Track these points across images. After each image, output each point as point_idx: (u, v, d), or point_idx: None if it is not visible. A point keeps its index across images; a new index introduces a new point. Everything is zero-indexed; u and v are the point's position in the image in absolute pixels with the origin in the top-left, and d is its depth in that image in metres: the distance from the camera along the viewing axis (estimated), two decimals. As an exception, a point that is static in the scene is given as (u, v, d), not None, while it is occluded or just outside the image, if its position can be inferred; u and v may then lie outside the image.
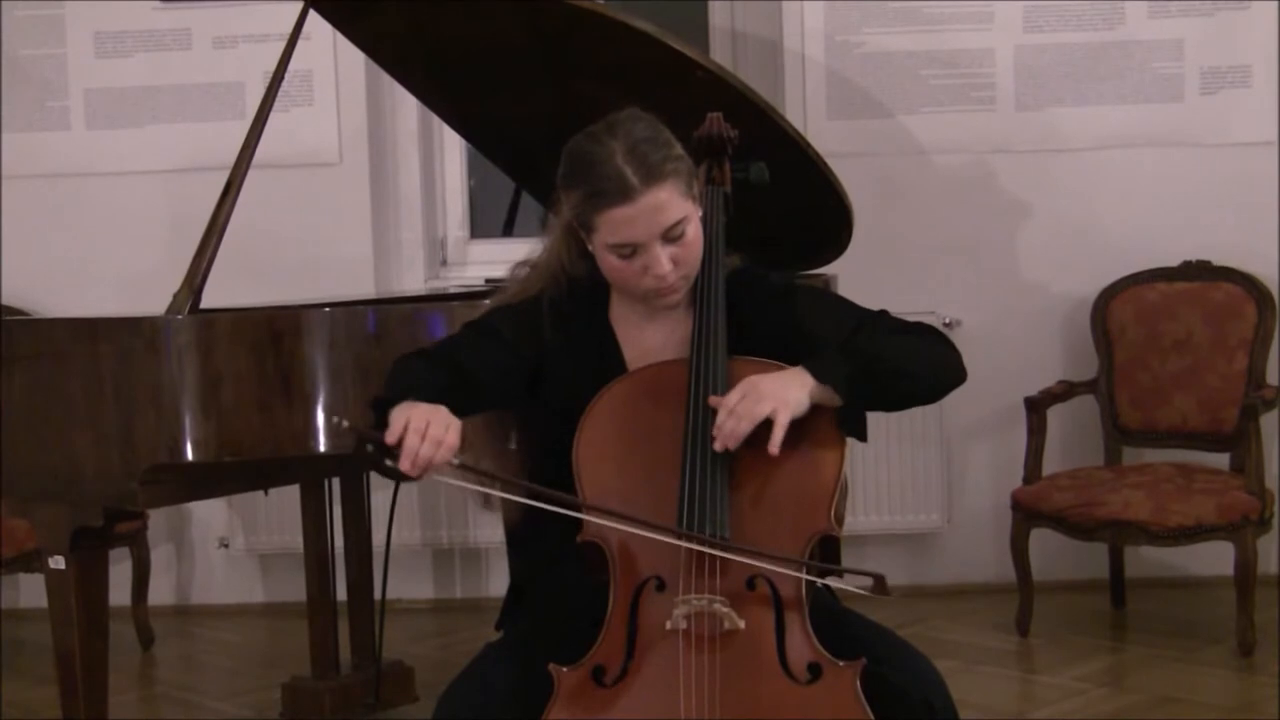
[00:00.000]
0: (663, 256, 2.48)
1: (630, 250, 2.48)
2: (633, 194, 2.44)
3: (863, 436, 2.51)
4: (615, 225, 2.46)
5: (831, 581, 2.43)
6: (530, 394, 2.64)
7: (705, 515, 2.37)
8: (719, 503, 2.38)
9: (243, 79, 5.36)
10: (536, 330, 2.62)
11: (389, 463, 2.35)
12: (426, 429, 2.33)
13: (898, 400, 2.58)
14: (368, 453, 2.36)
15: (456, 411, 2.43)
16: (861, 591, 2.36)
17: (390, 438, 2.33)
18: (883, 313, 2.65)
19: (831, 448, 2.45)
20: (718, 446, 2.40)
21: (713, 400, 2.44)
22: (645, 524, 2.37)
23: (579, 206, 2.50)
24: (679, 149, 2.53)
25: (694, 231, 2.52)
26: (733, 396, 2.41)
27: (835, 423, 2.45)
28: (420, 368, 2.58)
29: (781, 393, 2.40)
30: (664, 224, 2.46)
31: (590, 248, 2.55)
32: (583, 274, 2.62)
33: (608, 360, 2.61)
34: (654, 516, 2.38)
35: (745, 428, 2.38)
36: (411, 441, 2.32)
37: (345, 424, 2.38)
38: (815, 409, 2.45)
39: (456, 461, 2.38)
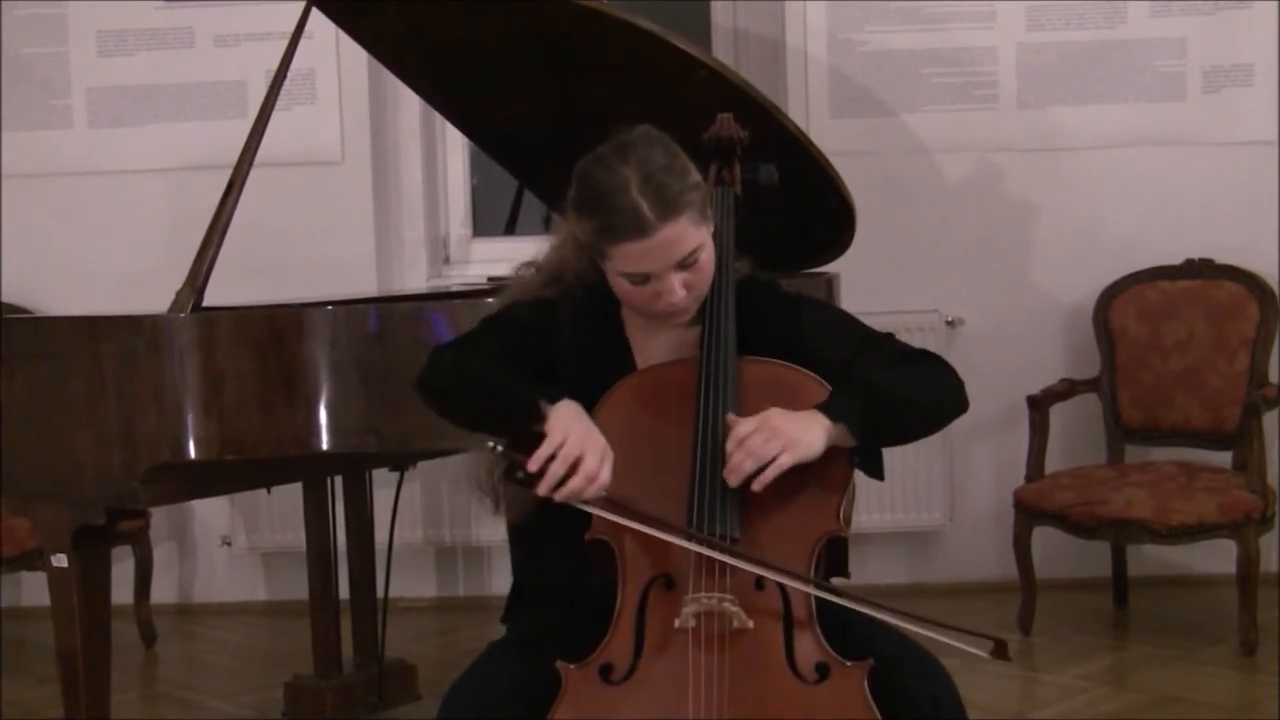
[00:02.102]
0: (676, 284, 2.47)
1: (643, 278, 2.47)
2: (648, 230, 2.41)
3: (880, 475, 2.50)
4: (629, 257, 2.44)
5: (949, 639, 2.38)
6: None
7: (714, 515, 2.37)
8: (728, 503, 2.38)
9: (245, 77, 5.36)
10: (553, 331, 2.61)
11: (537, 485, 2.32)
12: (579, 461, 2.32)
13: (908, 437, 2.57)
14: (518, 479, 2.32)
15: None
16: (980, 654, 2.35)
17: (533, 464, 2.31)
18: (889, 336, 2.63)
19: (840, 451, 2.44)
20: (731, 482, 2.39)
21: (730, 419, 2.42)
22: (678, 532, 2.35)
23: (592, 235, 2.47)
24: (694, 175, 2.50)
25: (707, 256, 2.50)
26: (747, 427, 2.39)
27: (849, 462, 2.44)
28: (482, 362, 2.55)
29: (795, 435, 2.38)
30: (678, 256, 2.45)
31: (602, 266, 2.54)
32: (595, 282, 2.60)
33: (618, 362, 2.60)
34: (662, 514, 2.38)
35: (750, 466, 2.36)
36: (556, 469, 2.31)
37: (499, 448, 2.34)
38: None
39: (605, 494, 2.36)
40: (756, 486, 2.36)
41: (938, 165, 5.28)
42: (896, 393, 2.49)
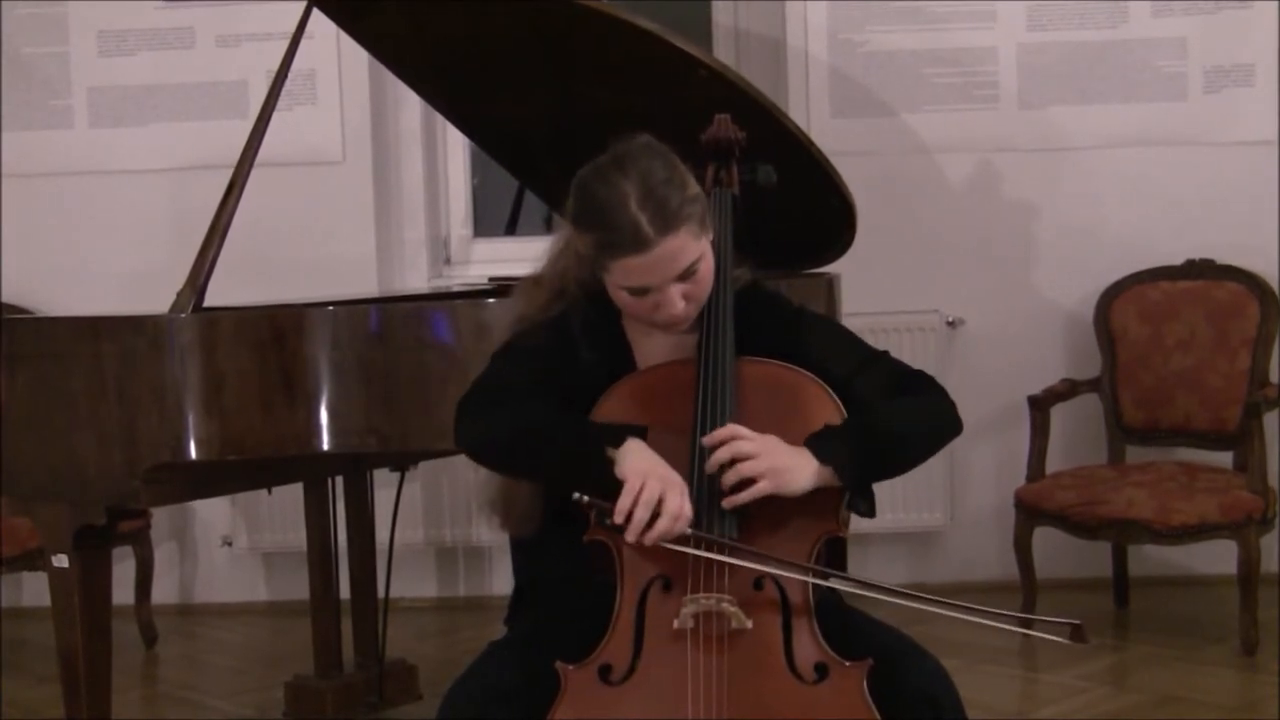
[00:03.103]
0: (675, 295, 2.46)
1: (643, 291, 2.47)
2: (648, 245, 2.40)
3: (871, 513, 2.50)
4: (629, 272, 2.44)
5: (1022, 630, 2.40)
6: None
7: (713, 516, 2.37)
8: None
9: (246, 77, 5.36)
10: (572, 352, 2.59)
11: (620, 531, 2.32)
12: (660, 502, 2.31)
13: (898, 472, 2.55)
14: (607, 526, 2.32)
15: None
16: (1061, 640, 2.35)
17: (619, 516, 2.30)
18: (885, 355, 2.63)
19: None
20: (706, 468, 2.39)
21: (730, 429, 2.42)
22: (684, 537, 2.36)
23: (591, 250, 2.46)
24: (693, 187, 2.48)
25: (706, 266, 2.49)
26: (743, 430, 2.39)
27: (842, 502, 2.44)
28: (525, 413, 2.49)
29: (781, 465, 2.37)
30: (678, 269, 2.44)
31: (602, 278, 2.53)
32: (597, 288, 2.59)
33: (619, 366, 2.60)
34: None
35: (732, 479, 2.36)
36: (640, 515, 2.29)
37: (585, 499, 2.33)
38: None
39: (690, 532, 2.35)
40: (727, 505, 2.37)
41: (938, 165, 5.28)
42: (887, 435, 2.47)
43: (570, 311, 2.62)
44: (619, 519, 2.30)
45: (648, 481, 2.31)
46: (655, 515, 2.31)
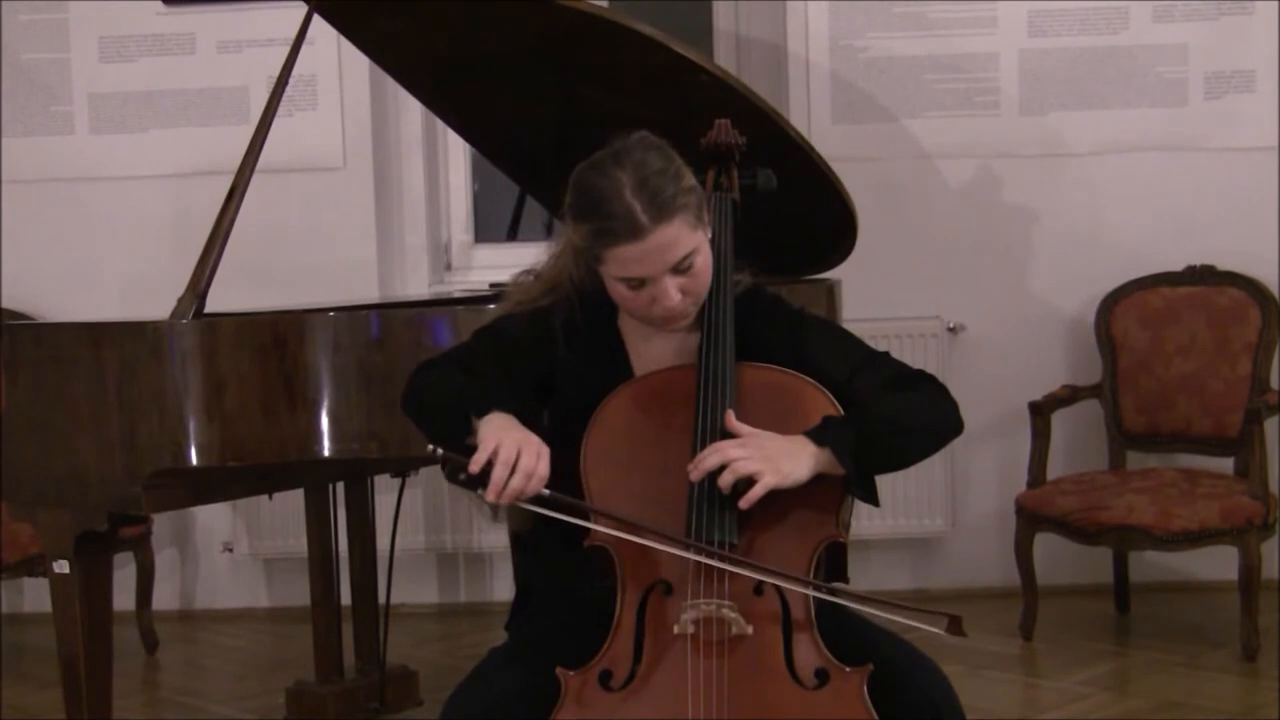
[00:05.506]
0: (671, 288, 2.47)
1: (639, 283, 2.47)
2: (642, 233, 2.41)
3: (875, 502, 2.49)
4: (624, 262, 2.45)
5: (902, 619, 2.40)
6: (539, 400, 2.63)
7: (713, 521, 2.37)
8: (726, 509, 2.38)
9: (247, 83, 5.36)
10: (550, 342, 2.60)
11: (479, 491, 2.33)
12: (517, 459, 2.32)
13: (899, 464, 2.55)
14: (460, 481, 2.34)
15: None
16: (936, 631, 2.36)
17: (474, 466, 2.32)
18: (885, 355, 2.63)
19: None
20: (691, 476, 2.39)
21: (729, 415, 2.42)
22: (675, 541, 2.36)
23: (587, 240, 2.47)
24: (689, 179, 2.50)
25: (703, 260, 2.50)
26: (726, 443, 2.40)
27: (844, 488, 2.44)
28: (458, 378, 2.56)
29: (779, 460, 2.38)
30: (673, 260, 2.45)
31: (599, 272, 2.54)
32: (592, 288, 2.60)
33: (616, 368, 2.60)
34: (661, 521, 2.38)
35: (729, 479, 2.37)
36: (498, 474, 2.31)
37: (439, 451, 2.35)
38: None
39: (547, 492, 2.36)
40: (743, 504, 2.36)
41: (939, 171, 5.28)
42: (887, 424, 2.48)
43: (557, 306, 2.63)
44: (474, 469, 2.32)
45: (503, 441, 2.34)
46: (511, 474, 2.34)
